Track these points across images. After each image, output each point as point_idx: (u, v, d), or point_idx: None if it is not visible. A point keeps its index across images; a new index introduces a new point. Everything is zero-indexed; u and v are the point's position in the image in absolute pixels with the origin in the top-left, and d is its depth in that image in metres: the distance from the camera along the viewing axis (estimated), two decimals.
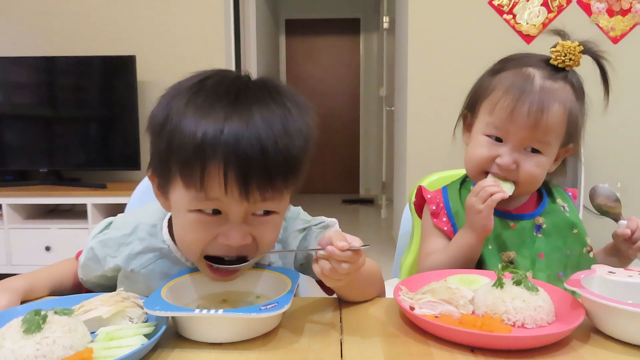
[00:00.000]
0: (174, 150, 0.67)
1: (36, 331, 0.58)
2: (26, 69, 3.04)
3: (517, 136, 0.89)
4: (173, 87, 0.72)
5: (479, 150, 0.93)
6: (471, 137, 0.97)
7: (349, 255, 0.66)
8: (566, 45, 0.89)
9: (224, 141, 0.64)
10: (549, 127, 0.87)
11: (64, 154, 3.10)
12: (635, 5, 2.92)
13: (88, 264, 0.87)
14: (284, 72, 6.13)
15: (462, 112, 1.01)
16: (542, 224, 0.95)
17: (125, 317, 0.68)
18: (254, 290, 0.79)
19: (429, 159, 3.04)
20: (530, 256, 0.93)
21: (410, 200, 1.22)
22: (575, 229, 0.95)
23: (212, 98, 0.67)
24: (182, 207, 0.71)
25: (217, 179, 0.65)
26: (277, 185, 0.68)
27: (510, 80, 0.90)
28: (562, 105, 0.88)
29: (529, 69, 0.90)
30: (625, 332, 0.66)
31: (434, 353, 0.64)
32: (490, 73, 0.96)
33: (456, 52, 3.01)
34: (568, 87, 0.90)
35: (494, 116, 0.90)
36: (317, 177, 6.16)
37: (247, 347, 0.65)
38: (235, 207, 0.69)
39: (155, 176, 0.74)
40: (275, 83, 0.74)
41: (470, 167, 0.96)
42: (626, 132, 3.00)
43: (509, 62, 0.94)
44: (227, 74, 0.73)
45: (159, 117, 0.70)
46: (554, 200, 0.99)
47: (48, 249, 2.86)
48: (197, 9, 3.13)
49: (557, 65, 0.90)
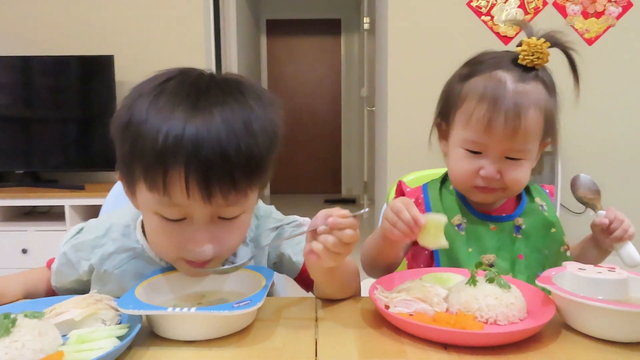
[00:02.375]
0: (137, 154, 0.67)
1: (5, 335, 0.57)
2: (2, 68, 2.98)
3: (496, 148, 0.88)
4: (136, 89, 0.72)
5: (460, 165, 0.92)
6: (449, 148, 0.95)
7: (352, 221, 0.67)
8: (532, 43, 0.87)
9: (185, 146, 0.64)
10: (527, 134, 0.86)
11: (41, 155, 3.05)
12: (608, 8, 2.98)
13: (62, 270, 0.85)
14: (265, 72, 6.12)
15: (435, 120, 0.99)
16: (521, 224, 0.95)
17: (98, 320, 0.67)
18: (229, 288, 0.79)
19: (409, 158, 3.05)
20: (511, 258, 0.93)
21: (388, 198, 1.23)
22: (553, 228, 0.96)
23: (173, 101, 0.66)
24: (148, 209, 0.71)
25: (178, 184, 0.66)
26: (240, 187, 0.68)
27: (482, 88, 0.87)
28: (538, 107, 0.86)
29: (499, 72, 0.88)
30: (594, 327, 0.67)
31: (408, 351, 0.64)
32: (459, 78, 0.93)
33: (435, 53, 3.03)
34: (540, 86, 0.88)
35: (470, 130, 0.88)
36: (299, 177, 6.16)
37: (222, 345, 0.65)
38: (198, 211, 0.69)
39: (122, 177, 0.74)
40: (238, 81, 0.73)
41: (456, 182, 0.95)
42: (602, 130, 3.05)
43: (476, 65, 0.92)
44: (189, 74, 0.72)
45: (122, 119, 0.69)
46: (533, 199, 0.99)
47: (25, 252, 2.81)
48: (177, 9, 3.10)
49: (526, 65, 0.87)
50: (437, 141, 1.00)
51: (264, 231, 0.87)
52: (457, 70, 0.96)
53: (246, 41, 4.72)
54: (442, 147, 0.99)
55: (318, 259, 0.68)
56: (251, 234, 0.86)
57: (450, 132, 0.95)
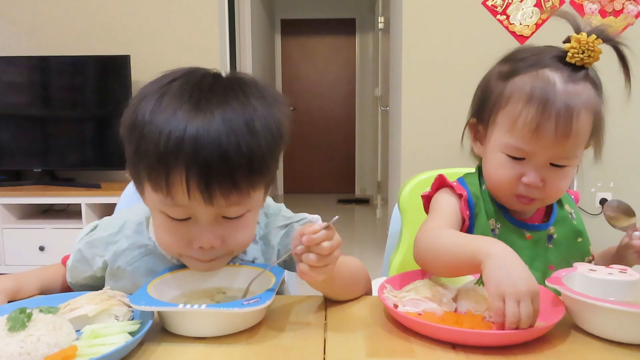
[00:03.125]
0: (141, 155, 0.68)
1: (20, 329, 0.59)
2: (20, 68, 3.04)
3: (542, 155, 0.82)
4: (142, 90, 0.72)
5: (500, 171, 0.85)
6: (487, 152, 0.88)
7: (325, 234, 0.66)
8: (582, 40, 0.79)
9: (185, 147, 0.64)
10: (578, 139, 0.80)
11: (58, 154, 3.10)
12: (627, 6, 2.94)
13: (77, 266, 0.87)
14: (280, 72, 6.14)
15: (470, 120, 0.92)
16: (553, 233, 0.91)
17: (110, 315, 0.69)
18: (240, 286, 0.80)
19: (423, 158, 3.05)
20: (543, 269, 0.89)
21: (400, 196, 1.22)
22: (580, 238, 0.92)
23: (175, 103, 0.67)
24: (155, 207, 0.73)
25: (180, 185, 0.66)
26: (242, 187, 0.68)
27: (529, 88, 0.80)
28: (589, 109, 0.80)
29: (546, 71, 0.81)
30: (604, 328, 0.67)
31: (416, 350, 0.64)
32: (500, 77, 0.86)
33: (450, 52, 3.02)
34: (589, 86, 0.81)
35: (515, 135, 0.82)
36: (313, 177, 6.17)
37: (231, 342, 0.66)
38: (202, 211, 0.70)
39: (131, 176, 0.76)
40: (241, 80, 0.73)
41: (496, 190, 0.89)
42: (617, 133, 3.01)
43: (519, 62, 0.84)
44: (193, 75, 0.72)
45: (128, 121, 0.70)
46: (563, 206, 0.94)
47: (42, 249, 2.86)
48: (192, 9, 3.13)
49: (575, 63, 0.80)
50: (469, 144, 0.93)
51: (273, 229, 0.87)
52: (494, 66, 0.89)
53: (261, 41, 4.74)
54: (475, 149, 0.93)
55: (310, 277, 0.68)
56: (260, 231, 0.87)
57: (488, 134, 0.88)
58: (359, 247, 3.99)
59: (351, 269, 0.81)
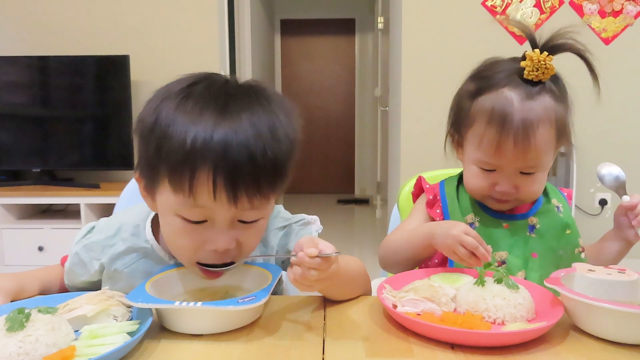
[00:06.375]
0: (163, 155, 0.67)
1: (19, 329, 0.59)
2: (19, 68, 3.03)
3: (509, 167, 0.89)
4: (161, 91, 0.72)
5: (475, 180, 0.93)
6: (464, 161, 0.96)
7: (317, 263, 0.65)
8: (534, 58, 0.85)
9: (213, 148, 0.65)
10: (538, 151, 0.86)
11: (57, 154, 3.10)
12: (626, 7, 2.94)
13: (73, 269, 0.87)
14: (279, 72, 6.14)
15: (449, 130, 1.00)
16: (535, 224, 0.95)
17: (109, 316, 0.69)
18: (238, 284, 0.81)
19: (422, 158, 3.04)
20: (523, 256, 0.93)
21: (399, 196, 1.23)
22: (568, 230, 0.96)
23: (202, 104, 0.67)
24: (169, 210, 0.72)
25: (205, 185, 0.66)
26: (264, 190, 0.69)
27: (489, 108, 0.87)
28: (547, 122, 0.86)
29: (505, 90, 0.87)
30: (602, 329, 0.67)
31: (415, 350, 0.64)
32: (468, 96, 0.93)
33: (450, 53, 3.02)
34: (548, 98, 0.86)
35: (482, 151, 0.89)
36: (313, 177, 6.17)
37: (230, 340, 0.67)
38: (222, 213, 0.70)
39: (143, 178, 0.75)
40: (262, 88, 0.74)
41: (473, 195, 0.97)
42: (619, 131, 3.01)
43: (483, 80, 0.91)
44: (215, 79, 0.73)
45: (148, 121, 0.70)
46: (549, 200, 0.99)
47: (41, 249, 2.86)
48: (191, 8, 3.13)
49: (532, 80, 0.86)
50: (452, 148, 1.00)
51: (272, 230, 0.87)
52: (464, 83, 0.96)
53: (260, 41, 4.74)
54: (458, 155, 1.00)
55: (294, 284, 0.69)
56: None
57: (464, 144, 0.95)
58: (359, 247, 3.99)
59: (350, 269, 0.82)
